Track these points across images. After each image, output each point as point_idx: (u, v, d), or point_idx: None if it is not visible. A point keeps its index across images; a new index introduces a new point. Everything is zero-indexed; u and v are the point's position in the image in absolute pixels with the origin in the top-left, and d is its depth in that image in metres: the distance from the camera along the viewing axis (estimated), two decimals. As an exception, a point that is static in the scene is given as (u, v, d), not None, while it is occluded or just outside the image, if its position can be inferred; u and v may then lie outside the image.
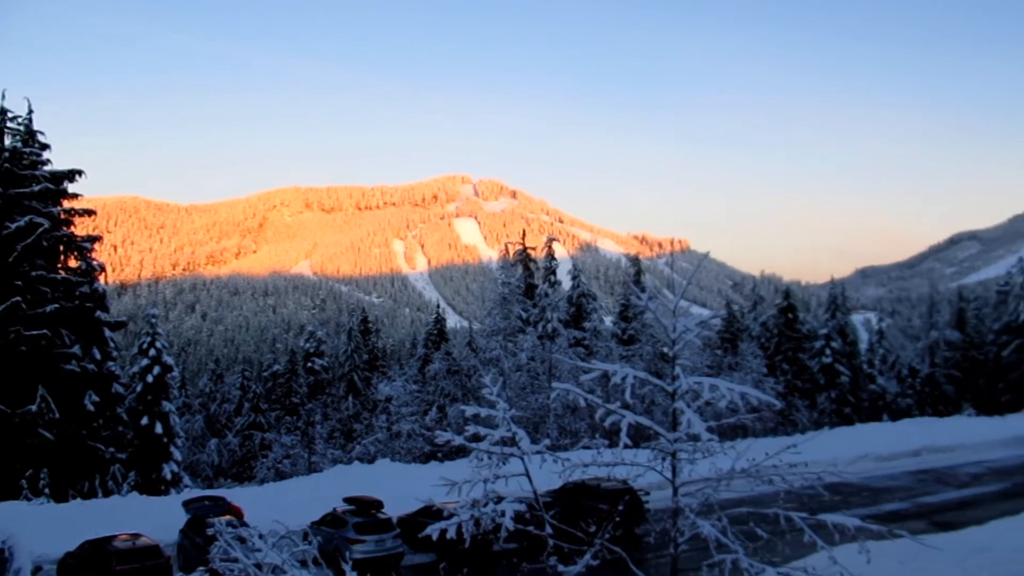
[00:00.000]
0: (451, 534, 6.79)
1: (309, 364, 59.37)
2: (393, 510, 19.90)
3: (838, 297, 52.42)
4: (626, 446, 7.34)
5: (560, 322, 41.93)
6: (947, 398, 51.46)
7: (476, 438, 7.26)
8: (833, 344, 49.59)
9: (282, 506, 20.59)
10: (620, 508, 7.66)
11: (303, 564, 8.38)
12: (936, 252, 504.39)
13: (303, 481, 29.46)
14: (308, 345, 61.09)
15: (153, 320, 38.34)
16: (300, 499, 23.30)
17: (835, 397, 48.33)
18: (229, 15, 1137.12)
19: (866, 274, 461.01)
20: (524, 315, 42.39)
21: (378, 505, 19.43)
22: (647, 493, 18.88)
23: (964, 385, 52.17)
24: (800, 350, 50.63)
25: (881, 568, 8.41)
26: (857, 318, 72.40)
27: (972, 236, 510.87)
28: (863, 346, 57.56)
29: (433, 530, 6.82)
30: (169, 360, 37.93)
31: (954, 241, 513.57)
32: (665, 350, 34.34)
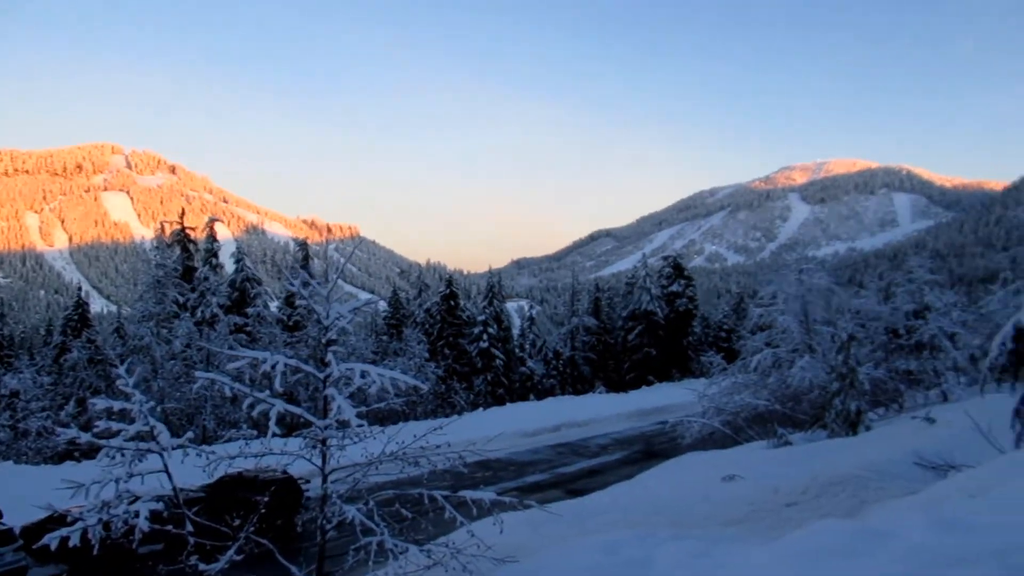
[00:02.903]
0: (75, 541, 6.15)
1: (-93, 355, 49.95)
2: (16, 519, 17.51)
3: (495, 286, 55.87)
4: (281, 435, 7.21)
5: (221, 307, 39.76)
6: (584, 378, 57.47)
7: (109, 434, 6.65)
8: (490, 330, 52.83)
9: None
10: (266, 499, 7.46)
11: None
12: (579, 247, 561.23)
13: None
14: (-94, 332, 51.35)
15: None
16: None
17: (491, 379, 51.62)
18: None
19: (520, 265, 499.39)
20: (181, 300, 39.50)
21: (-8, 515, 17.03)
22: (307, 481, 18.68)
23: (598, 366, 58.65)
24: (461, 335, 53.26)
25: (516, 535, 9.20)
26: (512, 305, 77.96)
27: (608, 233, 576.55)
28: (516, 331, 62.07)
29: (52, 539, 6.11)
30: None
31: (594, 237, 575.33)
32: (333, 336, 34.13)
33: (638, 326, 56.59)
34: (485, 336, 52.30)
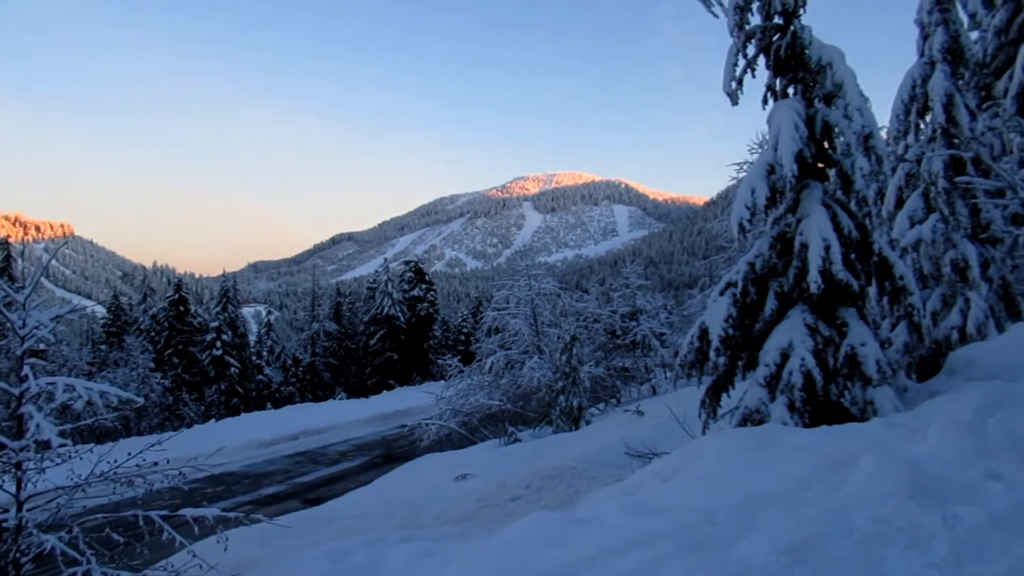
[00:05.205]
0: None
1: None
2: None
3: (230, 290, 53.16)
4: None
5: None
6: (325, 384, 56.47)
7: None
8: (224, 337, 50.20)
9: None
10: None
11: None
12: (320, 250, 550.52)
13: None
14: None
15: None
16: None
17: (225, 388, 49.03)
18: None
19: (258, 268, 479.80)
20: None
21: None
22: (6, 511, 16.66)
23: (339, 371, 57.92)
24: (191, 343, 50.07)
25: (245, 551, 8.91)
26: (248, 311, 74.49)
27: (350, 237, 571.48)
28: (253, 338, 59.46)
29: None
30: None
31: (335, 241, 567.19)
32: (41, 347, 30.73)
33: (380, 330, 56.68)
34: (218, 343, 49.62)
